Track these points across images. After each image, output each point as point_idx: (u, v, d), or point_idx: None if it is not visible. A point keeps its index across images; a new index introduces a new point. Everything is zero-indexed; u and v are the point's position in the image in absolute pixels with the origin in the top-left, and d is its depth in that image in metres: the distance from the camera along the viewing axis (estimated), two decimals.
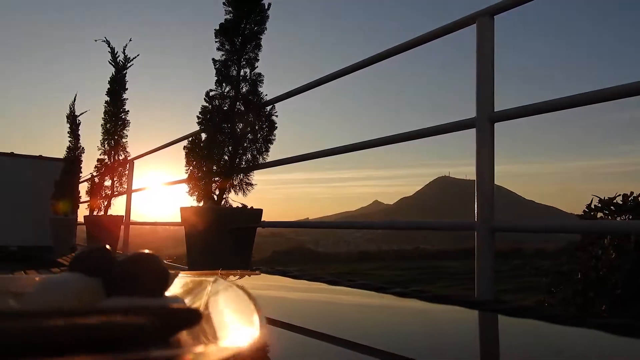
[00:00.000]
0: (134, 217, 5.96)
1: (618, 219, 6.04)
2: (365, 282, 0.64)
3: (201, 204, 3.23)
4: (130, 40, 6.07)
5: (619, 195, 6.11)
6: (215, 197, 3.22)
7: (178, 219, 4.63)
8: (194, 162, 3.23)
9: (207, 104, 3.27)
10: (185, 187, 3.37)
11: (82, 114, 8.24)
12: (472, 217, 1.94)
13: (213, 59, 3.30)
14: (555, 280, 6.55)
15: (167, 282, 0.29)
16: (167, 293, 0.29)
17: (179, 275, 0.36)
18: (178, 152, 4.77)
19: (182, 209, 3.18)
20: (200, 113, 3.28)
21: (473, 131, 2.00)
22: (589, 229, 3.95)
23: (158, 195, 5.68)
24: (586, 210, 6.32)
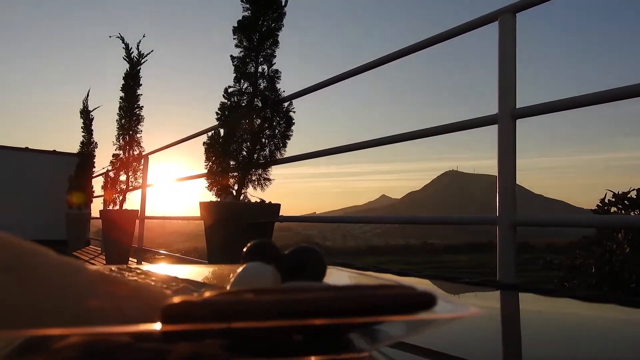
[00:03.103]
0: (146, 212, 6.02)
1: (632, 213, 6.02)
2: (432, 273, 0.68)
3: (219, 199, 3.28)
4: (144, 36, 6.11)
5: (633, 189, 6.09)
6: (234, 192, 3.26)
7: (190, 214, 4.68)
8: (214, 158, 3.27)
9: (225, 100, 3.31)
10: (200, 182, 3.41)
11: (95, 109, 8.33)
12: (482, 211, 1.98)
13: (231, 56, 3.33)
14: (569, 274, 6.55)
15: (325, 270, 0.33)
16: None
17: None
18: (191, 148, 4.82)
19: (202, 204, 3.23)
20: (219, 109, 3.31)
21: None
22: (608, 224, 3.96)
23: (170, 190, 5.73)
24: (600, 204, 6.30)
